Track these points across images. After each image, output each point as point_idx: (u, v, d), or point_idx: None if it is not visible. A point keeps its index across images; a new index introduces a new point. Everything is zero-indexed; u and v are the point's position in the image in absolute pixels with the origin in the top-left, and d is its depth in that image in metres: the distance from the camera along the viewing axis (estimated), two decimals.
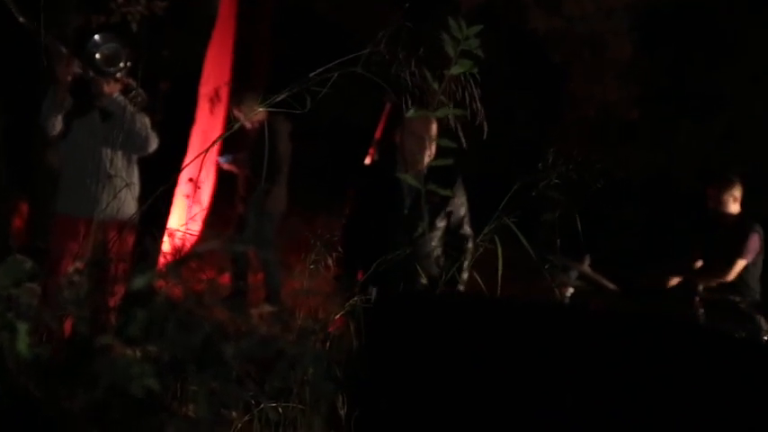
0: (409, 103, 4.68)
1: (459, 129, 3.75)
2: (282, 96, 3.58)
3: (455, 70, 2.09)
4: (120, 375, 2.24)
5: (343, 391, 3.08)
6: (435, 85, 2.41)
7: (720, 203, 5.80)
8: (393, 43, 3.70)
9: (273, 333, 6.31)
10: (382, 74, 3.54)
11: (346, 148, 9.36)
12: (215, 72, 7.62)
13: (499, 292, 3.74)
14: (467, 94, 3.41)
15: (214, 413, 3.31)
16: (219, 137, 6.11)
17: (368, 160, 8.14)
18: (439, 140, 2.06)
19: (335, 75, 3.40)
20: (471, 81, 3.41)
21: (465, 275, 4.61)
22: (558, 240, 4.02)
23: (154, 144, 5.15)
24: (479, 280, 3.86)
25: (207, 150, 5.25)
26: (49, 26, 6.11)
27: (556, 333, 2.90)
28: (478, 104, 3.42)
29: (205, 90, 7.18)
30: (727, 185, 5.81)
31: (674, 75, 10.95)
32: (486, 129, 3.63)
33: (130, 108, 5.03)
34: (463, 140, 3.56)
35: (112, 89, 5.00)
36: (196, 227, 7.80)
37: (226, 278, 7.63)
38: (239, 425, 3.56)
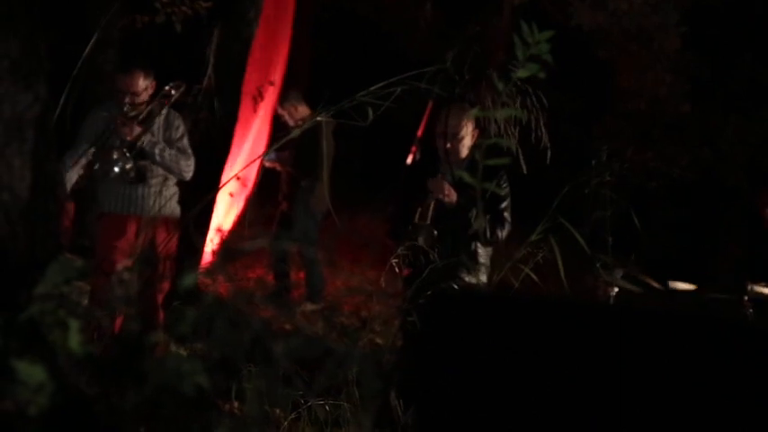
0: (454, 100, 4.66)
1: (510, 127, 3.75)
2: (343, 106, 3.60)
3: (522, 73, 2.07)
4: (171, 373, 2.24)
5: (397, 390, 3.07)
6: (500, 86, 2.39)
7: None
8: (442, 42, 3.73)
9: (317, 331, 6.32)
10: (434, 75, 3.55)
11: (389, 146, 9.35)
12: (260, 70, 7.64)
13: (564, 289, 3.71)
14: (528, 95, 3.42)
15: (262, 411, 3.31)
16: (272, 142, 6.14)
17: (410, 159, 8.12)
18: (497, 139, 2.04)
19: (398, 90, 3.41)
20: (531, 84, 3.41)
21: (483, 258, 4.63)
22: (610, 239, 3.98)
23: (188, 173, 5.17)
24: (535, 278, 3.84)
25: (261, 156, 5.28)
26: (95, 27, 6.19)
27: (607, 334, 2.86)
28: (538, 106, 3.42)
29: (248, 89, 7.20)
30: None
31: (723, 69, 10.78)
32: (542, 131, 3.64)
33: (160, 146, 5.05)
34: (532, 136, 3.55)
35: (134, 134, 5.01)
36: (231, 224, 7.83)
37: (269, 276, 7.66)
38: (287, 423, 3.57)
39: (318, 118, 3.93)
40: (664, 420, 2.82)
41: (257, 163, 7.95)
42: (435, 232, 4.51)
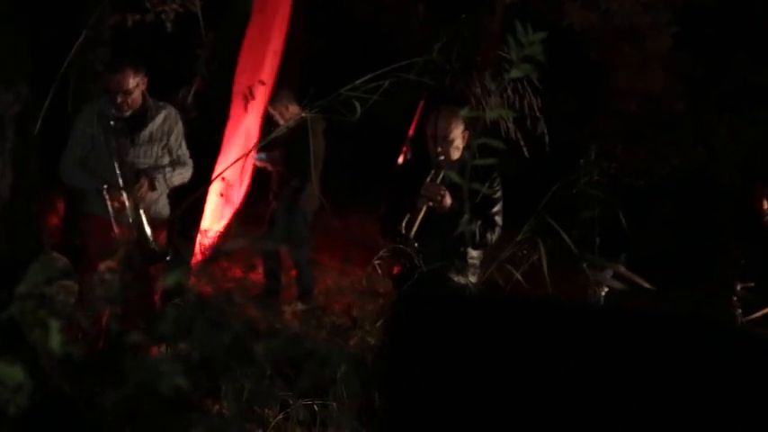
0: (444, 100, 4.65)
1: (504, 127, 3.75)
2: (329, 101, 3.57)
3: (515, 74, 2.05)
4: (149, 373, 2.23)
5: (376, 390, 3.07)
6: (493, 87, 2.39)
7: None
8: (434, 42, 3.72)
9: (306, 331, 6.32)
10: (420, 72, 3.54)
11: (380, 145, 9.35)
12: (251, 69, 7.62)
13: (547, 290, 3.71)
14: (518, 97, 3.42)
15: (247, 411, 3.30)
16: (260, 139, 6.12)
17: (401, 159, 8.12)
18: (486, 140, 2.02)
19: (386, 83, 3.38)
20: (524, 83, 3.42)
21: (474, 258, 4.63)
22: (598, 239, 3.98)
23: (186, 180, 5.19)
24: (520, 278, 3.83)
25: (248, 153, 5.24)
26: (86, 26, 6.18)
27: (592, 335, 2.85)
28: (536, 107, 3.42)
29: (239, 88, 7.18)
30: None
31: (716, 68, 10.78)
32: (545, 132, 3.64)
33: (168, 174, 5.03)
34: (519, 136, 3.55)
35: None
36: (223, 225, 7.81)
37: (260, 276, 7.65)
38: (273, 423, 3.56)
39: (304, 114, 3.91)
40: (650, 423, 2.82)
41: (250, 163, 7.95)
42: (417, 245, 4.52)
